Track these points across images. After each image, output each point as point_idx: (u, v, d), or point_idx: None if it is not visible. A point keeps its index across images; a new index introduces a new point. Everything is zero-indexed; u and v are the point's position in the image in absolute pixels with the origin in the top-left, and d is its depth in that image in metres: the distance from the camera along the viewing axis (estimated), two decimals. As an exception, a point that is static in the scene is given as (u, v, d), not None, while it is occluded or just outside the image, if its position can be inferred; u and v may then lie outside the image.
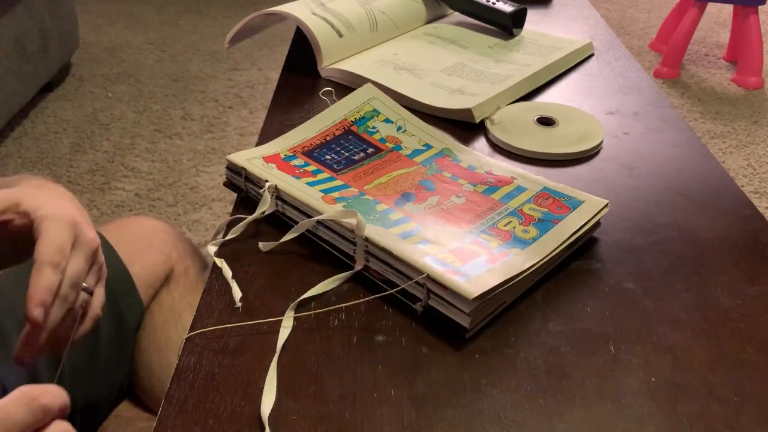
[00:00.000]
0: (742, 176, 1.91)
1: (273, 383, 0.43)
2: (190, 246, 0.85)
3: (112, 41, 2.79)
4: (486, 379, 0.44)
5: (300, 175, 0.59)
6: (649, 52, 2.73)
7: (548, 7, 1.13)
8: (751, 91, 2.38)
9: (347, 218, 0.52)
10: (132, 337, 0.76)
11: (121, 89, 2.38)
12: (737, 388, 0.44)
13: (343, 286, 0.52)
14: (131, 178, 1.88)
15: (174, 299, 0.78)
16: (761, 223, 0.59)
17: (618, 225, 0.59)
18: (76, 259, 0.48)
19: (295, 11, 0.86)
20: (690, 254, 0.55)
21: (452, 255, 0.49)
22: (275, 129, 0.73)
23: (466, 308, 0.45)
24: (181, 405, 0.42)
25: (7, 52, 1.94)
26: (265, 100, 2.30)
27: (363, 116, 0.68)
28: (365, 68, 0.84)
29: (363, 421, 0.41)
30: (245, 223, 0.57)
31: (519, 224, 0.54)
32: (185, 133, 2.10)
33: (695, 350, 0.46)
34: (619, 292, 0.51)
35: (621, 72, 0.88)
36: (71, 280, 0.47)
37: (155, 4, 3.22)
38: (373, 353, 0.46)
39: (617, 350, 0.46)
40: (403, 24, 0.96)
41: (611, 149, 0.71)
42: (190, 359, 0.45)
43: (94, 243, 0.49)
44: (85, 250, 0.48)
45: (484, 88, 0.79)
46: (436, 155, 0.64)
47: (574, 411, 0.42)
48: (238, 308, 0.49)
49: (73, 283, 0.47)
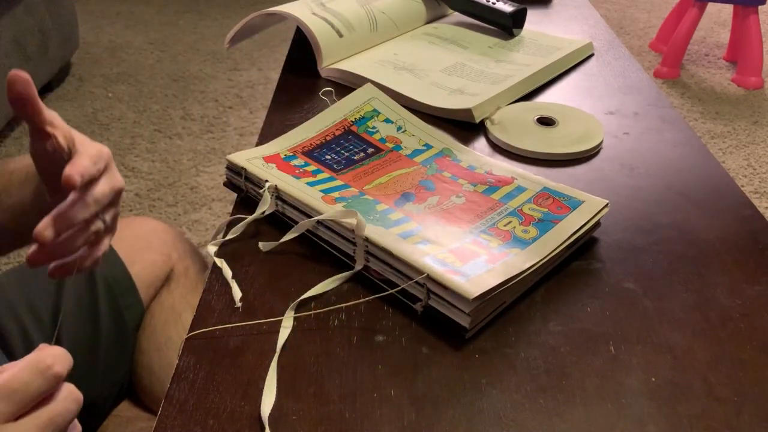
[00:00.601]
0: (742, 176, 1.91)
1: (273, 383, 0.43)
2: (190, 246, 0.85)
3: (112, 41, 2.79)
4: (486, 379, 0.44)
5: (300, 175, 0.59)
6: (649, 52, 2.73)
7: (548, 7, 1.13)
8: (751, 91, 2.38)
9: (347, 218, 0.52)
10: (132, 337, 0.76)
11: (121, 89, 2.38)
12: (737, 388, 0.43)
13: (343, 286, 0.52)
14: (131, 178, 1.88)
15: (174, 299, 0.78)
16: (761, 223, 0.59)
17: (618, 225, 0.59)
18: (103, 183, 0.47)
19: (295, 11, 0.86)
20: (690, 254, 0.55)
21: (452, 255, 0.49)
22: (275, 129, 0.73)
23: (466, 308, 0.45)
24: (181, 405, 0.42)
25: (7, 52, 1.93)
26: (265, 100, 2.29)
27: (363, 116, 0.68)
28: (365, 68, 0.84)
29: (363, 421, 0.41)
30: (245, 223, 0.57)
31: (519, 224, 0.54)
32: (185, 133, 2.10)
33: (695, 350, 0.46)
34: (619, 292, 0.51)
35: (621, 72, 0.88)
36: (95, 197, 0.46)
37: (155, 4, 3.22)
38: (373, 353, 0.46)
39: (617, 350, 0.46)
40: (403, 24, 0.96)
41: (611, 149, 0.71)
42: (190, 359, 0.45)
43: (120, 181, 0.50)
44: (112, 182, 0.48)
45: (484, 88, 0.79)
46: (436, 155, 0.64)
47: (574, 411, 0.42)
48: (238, 308, 0.49)
49: (96, 199, 0.46)
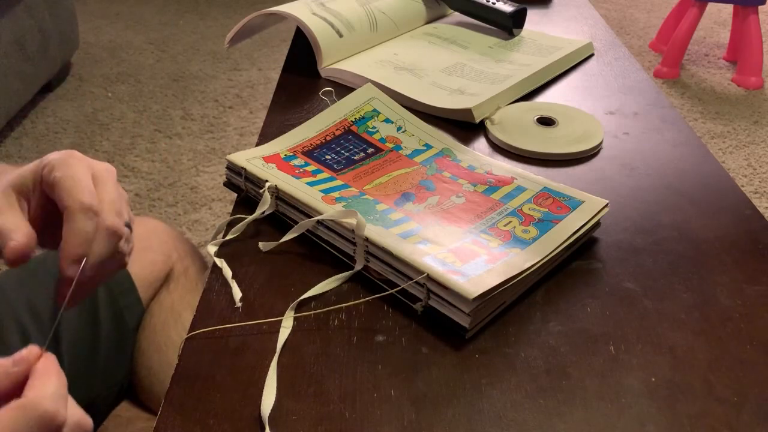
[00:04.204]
0: (742, 176, 1.91)
1: (273, 383, 0.43)
2: (190, 246, 0.85)
3: (112, 41, 2.79)
4: (486, 379, 0.44)
5: (300, 175, 0.59)
6: (649, 52, 2.73)
7: (548, 7, 1.13)
8: (751, 91, 2.38)
9: (347, 218, 0.52)
10: (132, 337, 0.76)
11: (121, 89, 2.38)
12: (737, 388, 0.43)
13: (343, 286, 0.52)
14: (131, 178, 1.88)
15: (174, 299, 0.78)
16: (761, 223, 0.59)
17: (618, 225, 0.59)
18: (106, 189, 0.43)
19: (295, 11, 0.86)
20: (690, 254, 0.55)
21: (452, 255, 0.49)
22: (275, 129, 0.73)
23: (466, 308, 0.45)
24: (181, 405, 0.42)
25: (7, 52, 1.93)
26: (265, 100, 2.30)
27: (363, 116, 0.68)
28: (365, 68, 0.84)
29: (363, 421, 0.41)
30: (245, 223, 0.57)
31: (519, 224, 0.54)
32: (185, 133, 2.10)
33: (695, 350, 0.46)
34: (619, 292, 0.51)
35: (621, 72, 0.88)
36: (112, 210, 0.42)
37: (155, 4, 3.22)
38: (373, 353, 0.46)
39: (617, 350, 0.46)
40: (403, 24, 0.96)
41: (611, 149, 0.71)
42: (190, 359, 0.45)
43: (112, 170, 0.45)
44: (109, 179, 0.44)
45: (484, 88, 0.79)
46: (436, 155, 0.64)
47: (574, 411, 0.42)
48: (238, 308, 0.49)
49: (116, 211, 0.42)
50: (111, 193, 0.43)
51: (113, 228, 0.42)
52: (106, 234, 0.41)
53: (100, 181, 0.43)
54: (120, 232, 0.42)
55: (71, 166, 0.42)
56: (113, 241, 0.42)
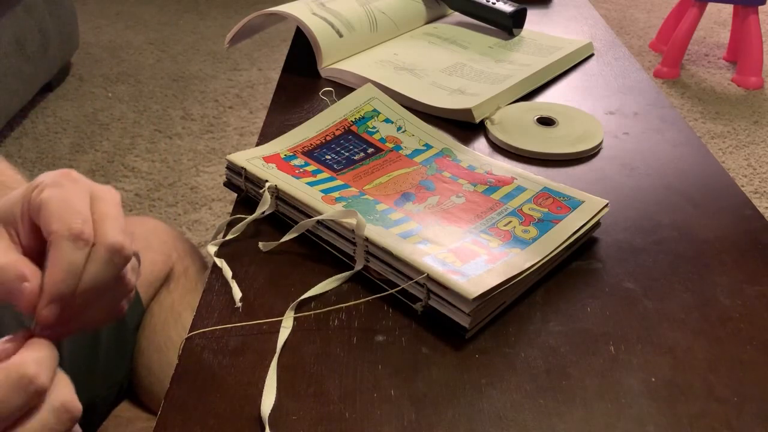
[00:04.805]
0: (742, 176, 1.91)
1: (273, 383, 0.43)
2: (190, 246, 0.85)
3: (112, 41, 2.79)
4: (486, 379, 0.44)
5: (300, 175, 0.59)
6: (649, 52, 2.73)
7: (548, 7, 1.13)
8: (751, 91, 2.38)
9: (347, 218, 0.52)
10: (132, 337, 0.76)
11: (121, 89, 2.38)
12: (737, 388, 0.43)
13: (343, 286, 0.52)
14: (131, 178, 1.88)
15: (174, 299, 0.78)
16: (761, 223, 0.59)
17: (618, 225, 0.59)
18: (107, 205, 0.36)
19: (295, 11, 0.86)
20: (690, 254, 0.55)
21: (452, 255, 0.49)
22: (275, 129, 0.73)
23: (466, 308, 0.45)
24: (181, 405, 0.42)
25: (7, 52, 1.93)
26: (265, 100, 2.30)
27: (363, 116, 0.68)
28: (365, 68, 0.84)
29: (363, 421, 0.41)
30: (245, 223, 0.57)
31: (519, 224, 0.54)
32: (185, 133, 2.10)
33: (695, 350, 0.46)
34: (619, 292, 0.51)
35: (621, 72, 0.88)
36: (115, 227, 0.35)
37: (155, 4, 3.22)
38: (373, 353, 0.46)
39: (617, 350, 0.46)
40: (403, 24, 0.96)
41: (611, 149, 0.71)
42: (190, 359, 0.45)
43: (115, 194, 0.38)
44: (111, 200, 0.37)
45: (484, 88, 0.79)
46: (436, 155, 0.64)
47: (574, 411, 0.42)
48: (238, 308, 0.49)
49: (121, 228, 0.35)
50: (113, 209, 0.36)
51: (117, 246, 0.34)
52: (105, 251, 0.34)
53: (101, 199, 0.37)
54: (125, 251, 0.35)
55: (63, 186, 0.35)
56: (116, 262, 0.35)
